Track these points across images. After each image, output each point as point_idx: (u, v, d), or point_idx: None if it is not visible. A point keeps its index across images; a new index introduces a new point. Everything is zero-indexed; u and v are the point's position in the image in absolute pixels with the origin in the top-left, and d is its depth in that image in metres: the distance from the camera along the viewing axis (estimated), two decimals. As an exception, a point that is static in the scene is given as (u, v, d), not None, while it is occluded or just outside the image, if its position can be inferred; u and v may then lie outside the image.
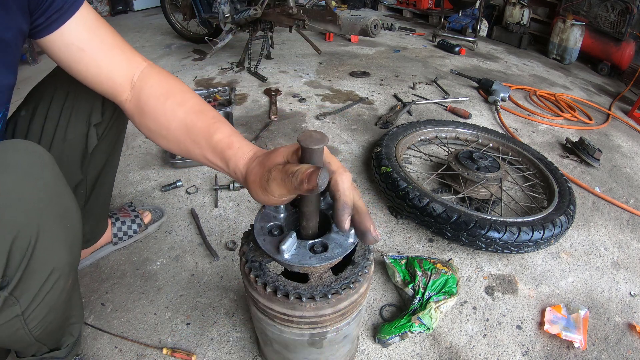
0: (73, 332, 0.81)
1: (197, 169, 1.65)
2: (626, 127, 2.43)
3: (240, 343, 1.00)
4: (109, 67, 0.69)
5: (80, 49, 0.66)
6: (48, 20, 0.63)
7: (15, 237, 0.53)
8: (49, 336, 0.71)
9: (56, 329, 0.73)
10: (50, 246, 0.58)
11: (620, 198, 1.69)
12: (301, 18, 2.32)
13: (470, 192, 1.49)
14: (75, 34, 0.65)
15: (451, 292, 1.08)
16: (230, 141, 0.64)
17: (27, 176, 0.55)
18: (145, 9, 4.40)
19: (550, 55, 3.57)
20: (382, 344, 1.01)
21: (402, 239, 1.37)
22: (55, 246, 0.60)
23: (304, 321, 0.66)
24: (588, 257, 1.37)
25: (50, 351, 0.78)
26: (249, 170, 0.61)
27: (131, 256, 1.23)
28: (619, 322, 1.15)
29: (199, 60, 2.87)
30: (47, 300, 0.62)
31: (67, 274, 0.64)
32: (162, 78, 0.72)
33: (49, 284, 0.60)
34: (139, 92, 0.70)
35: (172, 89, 0.71)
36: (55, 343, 0.78)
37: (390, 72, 2.85)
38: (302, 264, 0.59)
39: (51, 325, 0.68)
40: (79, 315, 0.82)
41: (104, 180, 1.05)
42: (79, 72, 0.69)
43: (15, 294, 0.56)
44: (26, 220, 0.54)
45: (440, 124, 1.88)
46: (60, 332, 0.77)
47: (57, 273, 0.61)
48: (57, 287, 0.62)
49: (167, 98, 0.69)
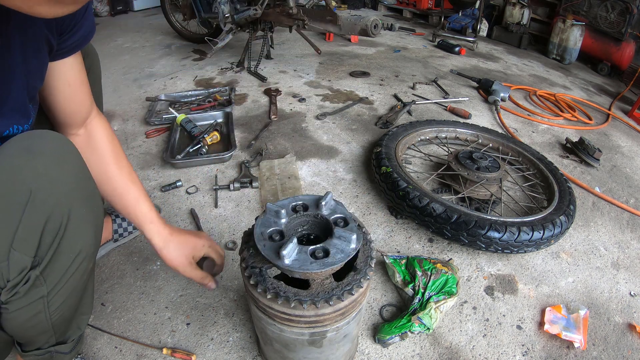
0: (81, 324, 0.82)
1: (197, 169, 1.65)
2: (626, 127, 2.43)
3: (240, 343, 1.00)
4: (79, 104, 0.80)
5: (68, 84, 0.75)
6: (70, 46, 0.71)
7: (48, 218, 0.56)
8: (62, 324, 0.73)
9: (70, 316, 0.75)
10: (79, 228, 0.61)
11: (620, 198, 1.69)
12: (301, 18, 2.32)
13: (470, 192, 1.49)
14: (70, 70, 0.74)
15: (451, 292, 1.08)
16: (151, 216, 0.84)
17: (56, 161, 0.58)
18: (145, 9, 4.40)
19: (550, 55, 3.57)
20: (382, 344, 1.01)
21: (402, 239, 1.37)
22: (83, 228, 0.62)
23: (304, 320, 0.66)
24: (588, 257, 1.37)
25: (56, 344, 0.78)
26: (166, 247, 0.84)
27: (131, 256, 1.23)
28: (619, 322, 1.15)
29: (199, 60, 2.87)
30: (70, 283, 0.64)
31: (91, 255, 0.66)
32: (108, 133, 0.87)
33: (75, 266, 0.62)
34: (90, 135, 0.84)
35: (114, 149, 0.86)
36: (63, 334, 0.78)
37: (390, 72, 2.85)
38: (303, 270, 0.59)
39: (68, 312, 0.71)
40: (89, 305, 0.83)
41: None
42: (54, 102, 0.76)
43: (44, 274, 0.59)
44: (57, 202, 0.57)
45: (440, 124, 1.88)
46: (71, 321, 0.78)
47: (83, 254, 0.63)
48: (81, 269, 0.64)
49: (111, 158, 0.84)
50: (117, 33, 3.54)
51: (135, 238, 1.29)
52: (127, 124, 1.99)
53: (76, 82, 0.77)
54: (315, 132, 2.00)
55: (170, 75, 2.60)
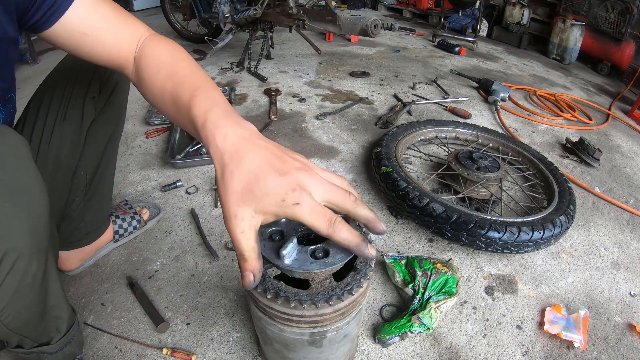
0: (59, 328, 0.78)
1: (197, 169, 1.65)
2: (626, 127, 2.43)
3: (240, 343, 1.00)
4: (113, 44, 0.68)
5: (83, 33, 0.65)
6: (44, 16, 0.62)
7: None
8: (25, 328, 0.68)
9: (33, 320, 0.69)
10: (2, 225, 0.54)
11: (620, 198, 1.69)
12: (301, 18, 2.32)
13: (470, 192, 1.49)
14: (77, 21, 0.65)
15: (451, 292, 1.08)
16: (204, 119, 0.55)
17: None
18: (145, 9, 4.40)
19: (550, 55, 3.57)
20: (382, 344, 1.01)
21: (402, 239, 1.37)
22: (6, 225, 0.55)
23: (304, 320, 0.66)
24: (588, 257, 1.37)
25: (40, 345, 0.76)
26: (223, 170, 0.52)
27: (131, 256, 1.23)
28: (619, 322, 1.15)
29: (199, 61, 2.87)
30: (8, 284, 0.57)
31: (29, 256, 0.59)
32: (159, 48, 0.70)
33: (6, 266, 0.55)
34: (138, 64, 0.69)
35: (165, 59, 0.68)
36: (40, 337, 0.75)
37: (390, 72, 2.85)
38: (303, 270, 0.59)
39: (23, 314, 0.65)
40: (63, 310, 0.78)
41: (106, 165, 1.09)
42: (86, 54, 0.69)
43: None
44: None
45: (440, 124, 1.88)
46: (42, 325, 0.74)
47: (12, 254, 0.56)
48: (17, 270, 0.58)
49: (159, 71, 0.66)
50: (117, 33, 3.54)
51: (135, 238, 1.29)
52: (127, 124, 1.99)
53: (93, 26, 0.66)
54: (315, 132, 2.00)
55: (170, 75, 2.60)
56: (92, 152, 1.03)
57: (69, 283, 1.14)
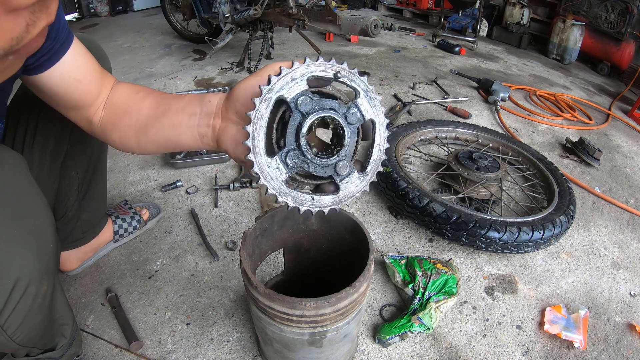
0: (65, 333, 0.80)
1: (197, 169, 1.65)
2: (626, 127, 2.43)
3: (240, 343, 1.00)
4: (96, 93, 0.70)
5: (77, 80, 0.67)
6: (39, 61, 0.62)
7: None
8: (33, 340, 0.70)
9: (41, 333, 0.71)
10: (8, 253, 0.54)
11: (620, 198, 1.69)
12: (301, 18, 2.32)
13: (470, 192, 1.49)
14: (72, 67, 0.66)
15: (451, 292, 1.08)
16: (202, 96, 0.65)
17: None
18: (145, 9, 4.40)
19: (550, 55, 3.57)
20: (382, 344, 1.01)
21: (402, 239, 1.37)
22: (15, 252, 0.55)
23: (304, 320, 0.66)
24: (588, 257, 1.37)
25: (45, 351, 0.77)
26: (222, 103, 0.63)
27: (131, 256, 1.23)
28: (619, 322, 1.15)
29: (199, 60, 2.87)
30: (20, 309, 0.58)
31: (39, 280, 0.60)
32: (131, 84, 0.74)
33: (18, 293, 0.56)
34: (111, 99, 0.71)
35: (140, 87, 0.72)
36: (46, 344, 0.77)
37: (390, 72, 2.85)
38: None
39: (33, 331, 0.66)
40: (68, 317, 0.80)
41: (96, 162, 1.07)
42: (70, 100, 0.69)
43: None
44: None
45: (440, 124, 1.88)
46: (49, 334, 0.76)
47: (24, 281, 0.57)
48: (29, 295, 0.59)
49: (137, 92, 0.71)
50: (117, 33, 3.54)
51: (135, 238, 1.29)
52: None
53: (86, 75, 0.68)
54: (315, 132, 1.99)
55: (170, 75, 2.60)
56: (80, 151, 1.00)
57: (69, 283, 1.14)
